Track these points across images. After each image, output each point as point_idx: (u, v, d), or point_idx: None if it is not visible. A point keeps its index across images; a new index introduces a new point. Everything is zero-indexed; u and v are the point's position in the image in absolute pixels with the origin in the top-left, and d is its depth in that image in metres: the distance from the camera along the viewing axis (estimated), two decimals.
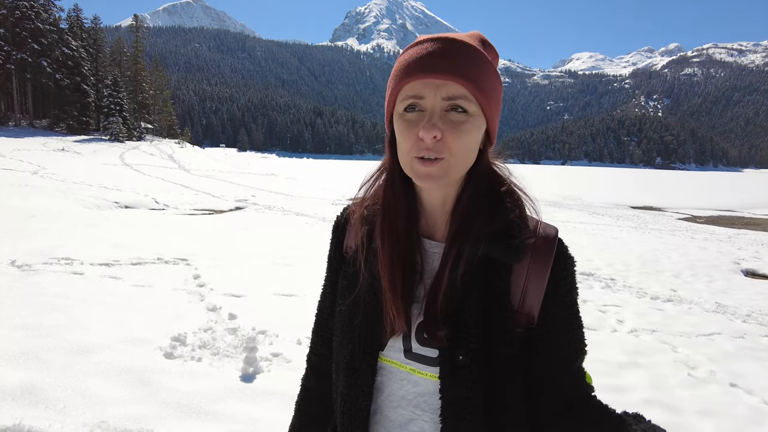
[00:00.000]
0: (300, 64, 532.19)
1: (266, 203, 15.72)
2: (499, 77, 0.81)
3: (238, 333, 3.82)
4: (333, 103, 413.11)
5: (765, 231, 16.51)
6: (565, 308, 0.81)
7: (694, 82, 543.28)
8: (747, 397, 3.52)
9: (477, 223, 0.79)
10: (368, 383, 0.83)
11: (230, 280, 5.56)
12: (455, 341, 0.77)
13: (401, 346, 0.82)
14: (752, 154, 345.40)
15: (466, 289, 0.78)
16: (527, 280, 0.79)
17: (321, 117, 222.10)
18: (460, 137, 0.74)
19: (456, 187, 0.82)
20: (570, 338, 0.81)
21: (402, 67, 0.77)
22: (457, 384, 0.77)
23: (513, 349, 0.78)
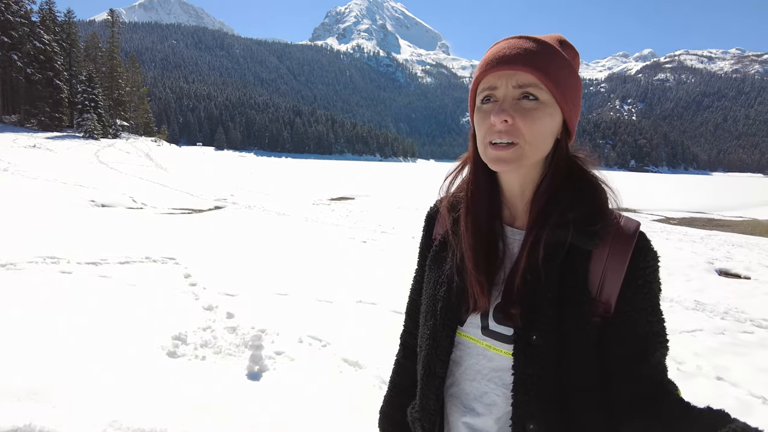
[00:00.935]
0: (279, 62, 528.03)
1: (246, 202, 15.55)
2: (577, 74, 0.85)
3: (237, 332, 3.82)
4: (312, 103, 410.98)
5: (734, 232, 17.01)
6: (644, 300, 0.81)
7: (667, 87, 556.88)
8: (733, 390, 3.66)
9: (555, 211, 0.82)
10: (446, 353, 0.91)
11: (222, 279, 5.54)
12: (530, 322, 0.81)
13: (479, 323, 0.88)
14: (720, 158, 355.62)
15: (543, 275, 0.81)
16: (605, 269, 0.81)
17: (300, 116, 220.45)
18: (532, 123, 0.78)
19: (534, 175, 0.86)
20: (647, 330, 0.81)
21: (480, 64, 0.83)
22: (529, 362, 0.80)
23: (587, 334, 0.80)
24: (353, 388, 3.16)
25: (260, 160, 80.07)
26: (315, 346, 3.80)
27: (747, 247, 12.50)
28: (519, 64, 0.78)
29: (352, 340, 3.98)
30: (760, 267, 9.51)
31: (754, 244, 13.47)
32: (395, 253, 8.44)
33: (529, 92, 0.79)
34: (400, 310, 4.98)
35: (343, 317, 4.59)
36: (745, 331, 5.29)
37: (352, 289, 5.62)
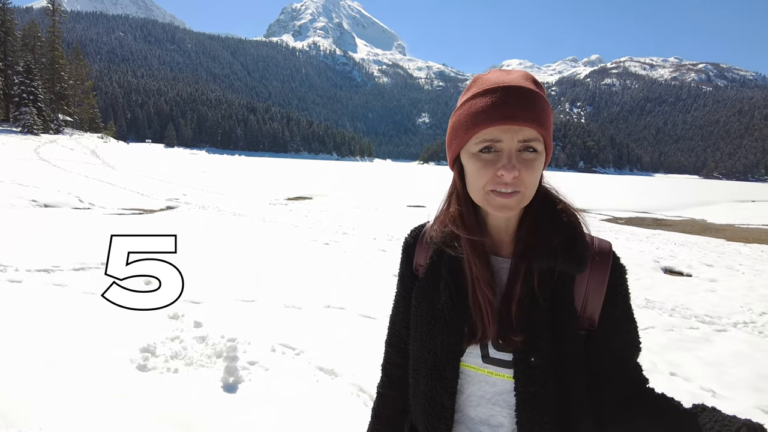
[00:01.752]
0: (233, 58, 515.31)
1: (199, 202, 15.10)
2: (552, 110, 0.91)
3: (207, 341, 3.72)
4: (267, 100, 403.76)
5: (675, 231, 17.95)
6: (622, 312, 0.92)
7: (613, 92, 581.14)
8: (686, 384, 3.88)
9: (542, 241, 0.90)
10: (452, 385, 0.94)
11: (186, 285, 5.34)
12: (528, 345, 0.88)
13: (479, 352, 0.93)
14: (662, 160, 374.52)
15: (536, 299, 0.88)
16: (588, 288, 0.90)
17: (254, 113, 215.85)
18: (533, 173, 0.86)
19: (519, 211, 0.93)
20: (627, 338, 0.92)
21: (478, 113, 0.86)
22: (530, 382, 0.87)
23: (578, 349, 0.89)
24: (331, 397, 3.14)
25: (212, 158, 78.08)
26: (288, 354, 3.75)
27: (688, 246, 13.22)
28: (527, 122, 0.84)
29: (325, 347, 3.95)
30: (700, 265, 10.07)
31: (694, 242, 14.27)
32: (358, 256, 8.41)
33: (531, 146, 0.86)
34: (370, 314, 4.99)
35: (314, 323, 4.53)
36: (691, 327, 5.59)
37: (319, 294, 5.56)
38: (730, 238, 16.81)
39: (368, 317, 4.93)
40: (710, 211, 29.62)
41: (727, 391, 3.78)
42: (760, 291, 7.87)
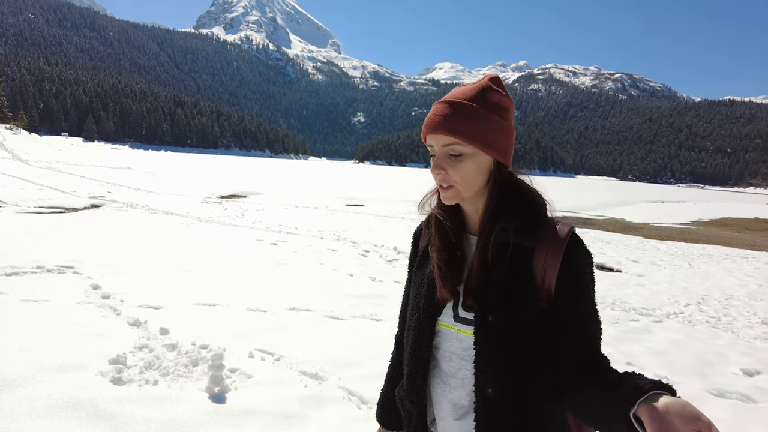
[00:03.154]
0: (159, 49, 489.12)
1: (127, 200, 14.17)
2: (494, 117, 1.04)
3: (179, 349, 3.48)
4: (196, 93, 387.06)
5: (600, 230, 19.04)
6: (576, 287, 1.00)
7: (539, 97, 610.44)
8: (642, 372, 3.94)
9: (500, 219, 1.04)
10: (429, 339, 1.11)
11: (137, 290, 5.01)
12: (486, 306, 1.01)
13: (451, 312, 1.09)
14: (583, 163, 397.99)
15: (493, 268, 1.02)
16: (545, 263, 1.00)
17: (182, 107, 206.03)
18: (459, 171, 1.03)
19: (483, 197, 1.08)
20: (581, 312, 1.00)
21: (423, 126, 1.07)
22: (486, 338, 1.01)
23: (534, 314, 0.99)
24: (324, 403, 3.04)
25: (137, 153, 74.04)
26: (268, 360, 3.59)
27: (614, 244, 14.07)
28: (439, 131, 1.02)
29: (302, 350, 3.83)
30: (628, 261, 10.73)
31: (619, 240, 15.20)
32: (308, 255, 8.21)
33: (453, 150, 1.02)
34: (337, 315, 4.93)
35: (284, 327, 4.38)
36: (632, 319, 5.91)
37: (280, 296, 5.40)
38: (648, 236, 18.11)
39: (336, 318, 4.83)
40: (628, 210, 31.83)
41: (677, 377, 4.04)
42: (681, 284, 8.48)
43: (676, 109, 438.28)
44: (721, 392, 3.82)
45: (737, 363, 4.53)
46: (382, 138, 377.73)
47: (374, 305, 5.44)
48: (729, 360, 4.61)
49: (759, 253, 14.23)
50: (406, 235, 12.09)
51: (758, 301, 7.49)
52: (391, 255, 9.04)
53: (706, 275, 9.57)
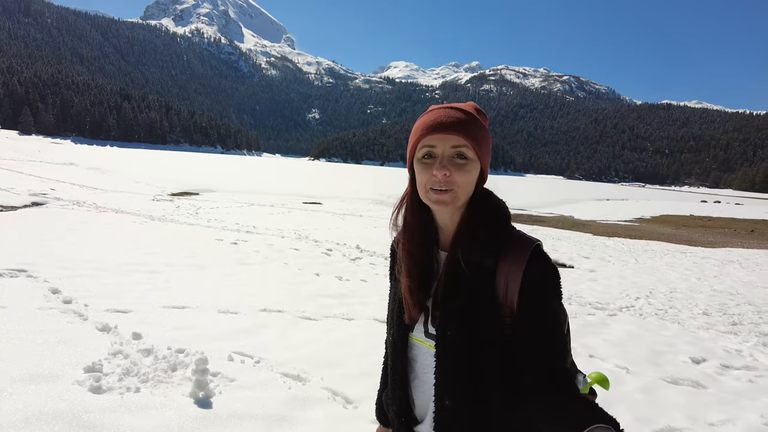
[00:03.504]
0: (104, 39, 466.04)
1: (72, 198, 13.48)
2: (489, 135, 1.12)
3: (155, 355, 3.38)
4: (144, 87, 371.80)
5: (550, 227, 19.75)
6: (538, 303, 1.00)
7: (491, 98, 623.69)
8: (603, 364, 4.34)
9: (467, 236, 1.07)
10: (403, 354, 1.17)
11: (100, 293, 4.81)
12: (447, 321, 1.05)
13: (423, 328, 1.13)
14: (532, 162, 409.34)
15: (457, 285, 1.05)
16: (507, 278, 1.02)
17: (129, 101, 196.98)
18: (464, 175, 1.05)
19: (459, 211, 1.11)
20: (543, 328, 1.00)
21: (420, 127, 1.08)
22: (444, 351, 1.05)
23: (494, 332, 1.01)
24: (310, 404, 3.04)
25: (81, 148, 70.55)
26: (248, 363, 3.55)
27: (565, 240, 14.60)
28: (454, 131, 1.03)
29: (281, 352, 3.80)
30: (579, 257, 11.16)
31: (569, 237, 15.79)
32: (271, 254, 8.09)
33: (461, 152, 1.04)
34: (310, 315, 4.92)
35: (258, 329, 4.32)
36: (589, 313, 6.17)
37: (249, 297, 5.32)
38: (596, 233, 18.91)
39: (308, 318, 4.82)
40: (576, 208, 33.11)
41: (635, 367, 4.27)
42: (630, 279, 8.91)
43: (620, 112, 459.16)
44: (674, 380, 4.08)
45: (685, 352, 4.83)
46: (338, 135, 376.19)
47: (344, 305, 5.45)
48: (678, 349, 4.91)
49: (695, 248, 15.12)
50: (367, 233, 12.12)
51: (698, 294, 7.97)
52: (354, 254, 9.03)
53: (651, 270, 10.08)
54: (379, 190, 34.97)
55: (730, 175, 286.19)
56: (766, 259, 12.68)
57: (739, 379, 4.22)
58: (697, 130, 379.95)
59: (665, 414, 3.40)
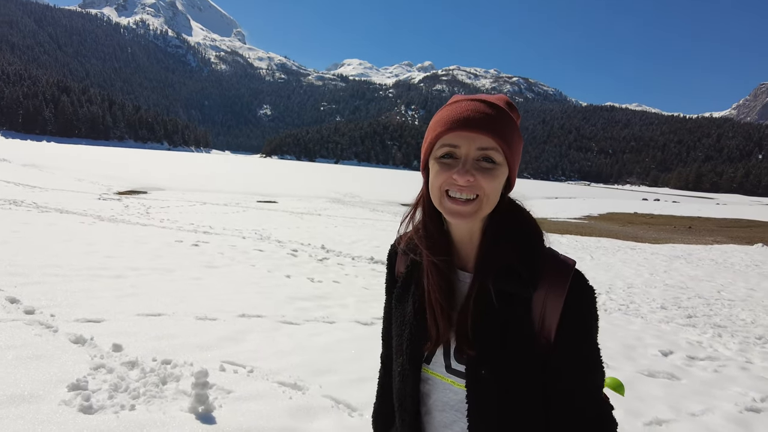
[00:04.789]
0: (38, 27, 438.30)
1: (8, 197, 12.56)
2: (521, 134, 0.96)
3: (142, 367, 3.16)
4: (84, 80, 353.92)
5: None
6: (579, 333, 0.92)
7: (443, 97, 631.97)
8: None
9: (499, 259, 0.93)
10: (414, 390, 1.02)
11: (65, 302, 4.46)
12: (480, 358, 0.92)
13: (443, 362, 0.99)
14: None
15: (488, 317, 0.92)
16: (545, 307, 0.91)
17: (68, 94, 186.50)
18: (492, 181, 0.90)
19: (481, 223, 0.96)
20: (584, 358, 0.92)
21: (442, 121, 0.92)
22: (479, 393, 0.93)
23: (532, 367, 0.92)
24: (314, 414, 2.94)
25: (13, 143, 66.19)
26: (241, 372, 3.38)
27: None
28: (483, 130, 0.88)
29: (272, 360, 3.66)
30: None
31: None
32: (236, 256, 7.85)
33: (489, 156, 0.89)
34: (290, 320, 4.80)
35: (241, 336, 4.15)
36: None
37: (224, 302, 5.13)
38: (549, 230, 18.69)
39: (290, 323, 4.70)
40: (527, 206, 34.06)
41: (614, 362, 4.43)
42: (589, 275, 8.94)
43: (566, 113, 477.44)
44: (651, 373, 4.26)
45: (654, 345, 5.06)
46: (291, 132, 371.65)
47: (322, 307, 5.36)
48: (646, 343, 5.13)
49: (643, 244, 15.89)
50: (330, 233, 12.00)
51: (653, 288, 8.36)
52: (320, 254, 8.91)
53: (607, 266, 10.49)
54: (335, 189, 34.83)
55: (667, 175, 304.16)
56: (706, 255, 13.48)
57: (705, 370, 4.47)
58: (637, 131, 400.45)
59: (651, 407, 3.54)
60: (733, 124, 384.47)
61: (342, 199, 26.65)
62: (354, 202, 25.92)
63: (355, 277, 7.18)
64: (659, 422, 3.30)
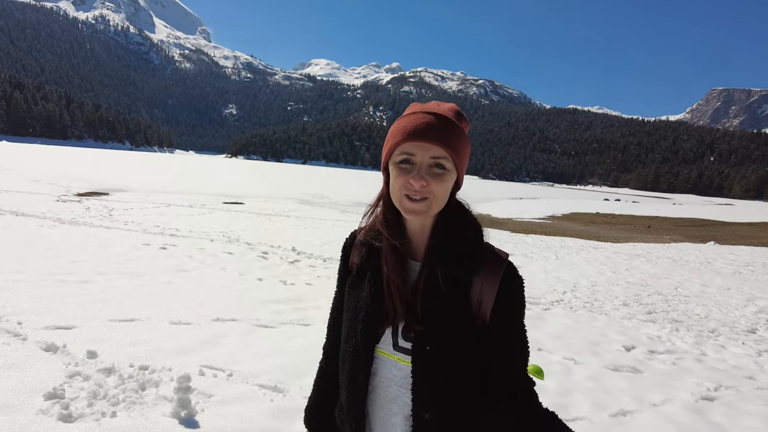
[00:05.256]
0: None
1: None
2: (469, 141, 1.10)
3: (119, 374, 3.11)
4: (39, 76, 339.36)
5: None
6: (511, 317, 1.06)
7: (410, 99, 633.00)
8: (552, 356, 4.56)
9: (445, 248, 1.07)
10: (367, 366, 1.11)
11: (32, 308, 4.32)
12: (425, 336, 1.04)
13: (391, 341, 1.10)
14: None
15: (435, 297, 1.05)
16: (482, 293, 1.05)
17: (21, 90, 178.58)
18: (441, 186, 1.04)
19: (431, 219, 1.11)
20: (512, 337, 1.07)
21: (400, 131, 1.05)
22: (423, 367, 1.04)
23: (471, 345, 1.04)
24: (297, 415, 2.95)
25: None
26: (221, 377, 3.37)
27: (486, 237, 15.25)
28: (435, 141, 1.02)
29: (250, 364, 3.66)
30: None
31: (490, 235, 16.48)
32: (206, 259, 7.73)
33: (440, 163, 1.03)
34: (265, 323, 4.81)
35: (217, 340, 4.13)
36: (527, 308, 6.46)
37: (197, 306, 5.07)
38: (514, 230, 19.97)
39: (265, 326, 4.70)
40: (492, 206, 34.75)
41: (580, 357, 4.61)
42: (554, 274, 9.52)
43: (531, 115, 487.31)
44: (616, 367, 4.46)
45: (617, 341, 5.28)
46: (257, 132, 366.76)
47: (296, 310, 5.38)
48: (610, 339, 5.36)
49: (605, 243, 16.43)
50: (300, 235, 11.96)
51: (615, 286, 8.69)
52: (291, 256, 8.87)
53: (571, 265, 10.82)
54: (303, 190, 34.62)
55: (627, 175, 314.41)
56: (663, 253, 14.05)
57: (665, 363, 4.71)
58: (599, 133, 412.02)
59: (616, 399, 3.72)
60: (687, 127, 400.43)
61: (311, 201, 26.52)
62: (323, 203, 25.83)
63: (328, 279, 7.20)
64: (624, 413, 3.48)
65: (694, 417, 3.52)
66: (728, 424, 3.43)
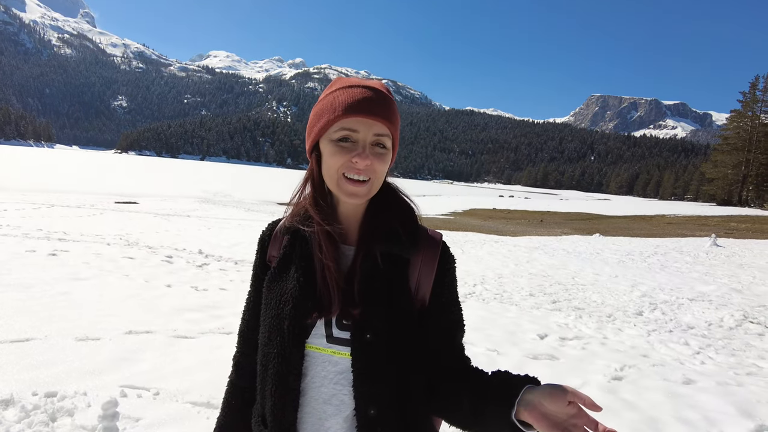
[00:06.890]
0: None
1: None
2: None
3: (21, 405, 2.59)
4: None
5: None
6: (449, 294, 1.05)
7: (315, 95, 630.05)
8: (475, 348, 4.76)
9: (380, 229, 1.02)
10: (298, 366, 0.97)
11: None
12: (364, 322, 0.95)
13: (323, 333, 0.98)
14: None
15: (374, 278, 0.98)
16: (420, 272, 1.02)
17: None
18: (383, 165, 0.98)
19: (365, 202, 1.04)
20: (453, 318, 1.05)
21: (339, 105, 0.96)
22: (365, 357, 0.95)
23: (411, 327, 0.99)
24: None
25: None
26: (146, 396, 3.03)
27: None
28: (380, 117, 0.95)
29: (176, 380, 3.34)
30: None
31: None
32: (105, 266, 7.05)
33: (381, 142, 0.97)
34: (184, 334, 4.50)
35: (134, 356, 3.73)
36: None
37: (104, 318, 4.58)
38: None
39: (184, 337, 4.35)
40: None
41: (502, 348, 4.78)
42: (462, 268, 9.92)
43: (431, 116, 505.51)
44: (535, 356, 4.68)
45: (531, 330, 5.57)
46: (150, 126, 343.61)
47: (214, 318, 5.05)
48: (524, 328, 5.63)
49: (504, 237, 17.38)
50: (204, 236, 11.32)
51: (520, 278, 9.19)
52: (199, 259, 8.32)
53: (477, 259, 11.27)
54: (203, 187, 32.97)
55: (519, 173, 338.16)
56: (558, 245, 15.15)
57: (575, 348, 5.04)
58: (494, 134, 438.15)
59: None
60: (571, 129, 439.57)
61: (212, 199, 25.31)
62: (226, 201, 24.77)
63: (242, 283, 6.82)
64: None
65: (609, 397, 3.79)
66: (637, 400, 3.74)
